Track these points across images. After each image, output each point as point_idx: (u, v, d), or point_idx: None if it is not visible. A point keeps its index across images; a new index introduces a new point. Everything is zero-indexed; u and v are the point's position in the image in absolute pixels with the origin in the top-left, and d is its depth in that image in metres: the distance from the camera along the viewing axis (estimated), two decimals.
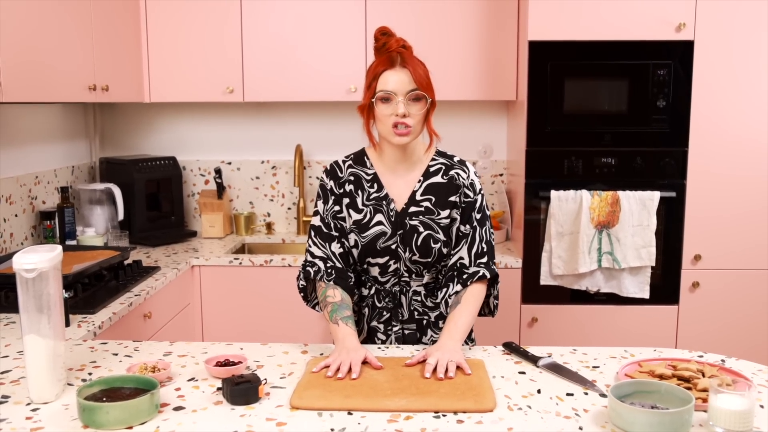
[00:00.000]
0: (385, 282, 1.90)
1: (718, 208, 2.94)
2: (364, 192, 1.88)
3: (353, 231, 1.87)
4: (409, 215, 1.86)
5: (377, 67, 1.79)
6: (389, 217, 1.85)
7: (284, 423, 1.35)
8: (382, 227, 1.85)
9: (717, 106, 2.88)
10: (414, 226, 1.85)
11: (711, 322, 2.99)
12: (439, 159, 1.92)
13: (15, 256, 1.41)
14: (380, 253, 1.85)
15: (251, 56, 3.21)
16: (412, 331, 1.90)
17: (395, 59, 1.78)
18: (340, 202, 1.89)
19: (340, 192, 1.90)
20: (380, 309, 1.91)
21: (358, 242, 1.86)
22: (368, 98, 1.80)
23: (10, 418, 1.37)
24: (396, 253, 1.85)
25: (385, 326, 1.91)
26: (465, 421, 1.36)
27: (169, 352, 1.74)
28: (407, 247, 1.84)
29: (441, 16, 3.14)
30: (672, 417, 1.27)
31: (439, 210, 1.86)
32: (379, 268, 1.88)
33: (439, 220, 1.86)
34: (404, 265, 1.87)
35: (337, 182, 1.90)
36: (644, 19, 2.83)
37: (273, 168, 3.62)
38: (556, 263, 2.93)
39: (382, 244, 1.85)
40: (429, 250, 1.84)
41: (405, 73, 1.77)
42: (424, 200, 1.87)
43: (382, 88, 1.77)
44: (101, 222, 3.21)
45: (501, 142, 3.55)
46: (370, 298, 1.92)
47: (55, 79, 2.47)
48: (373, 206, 1.87)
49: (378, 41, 1.83)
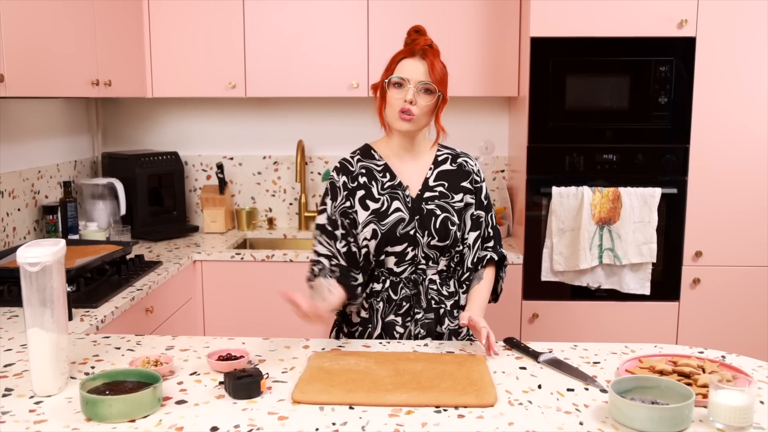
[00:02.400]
0: (400, 272, 1.90)
1: (719, 205, 2.94)
2: (377, 182, 1.91)
3: (372, 221, 1.87)
4: (425, 200, 1.90)
5: (398, 55, 1.87)
6: (406, 203, 1.89)
7: (286, 417, 1.36)
8: (400, 213, 1.88)
9: (718, 102, 2.88)
10: (431, 210, 1.89)
11: (711, 319, 3.00)
12: (445, 150, 1.99)
13: (19, 250, 1.42)
14: (399, 240, 1.87)
15: (253, 52, 3.21)
16: (431, 320, 1.91)
17: (417, 51, 1.84)
18: (353, 197, 1.90)
19: (354, 186, 1.91)
20: (397, 301, 1.90)
21: (377, 231, 1.86)
22: (383, 79, 1.86)
23: (13, 410, 1.38)
24: (414, 239, 1.87)
25: (404, 318, 1.90)
26: (466, 415, 1.37)
27: (171, 346, 1.75)
28: (425, 231, 1.87)
29: (443, 12, 3.14)
30: (672, 412, 1.27)
31: (453, 194, 1.92)
32: (396, 258, 1.89)
33: (453, 203, 1.91)
34: (422, 251, 1.89)
35: (349, 176, 1.92)
36: (646, 16, 2.83)
37: (275, 163, 3.62)
38: (557, 259, 2.93)
39: (402, 230, 1.87)
40: (447, 233, 1.88)
41: (422, 64, 1.82)
42: (438, 185, 1.92)
43: (397, 74, 1.83)
44: (103, 217, 3.22)
45: (502, 138, 3.55)
46: (385, 292, 1.91)
47: (57, 73, 2.48)
48: (389, 194, 1.90)
49: (409, 36, 1.89)
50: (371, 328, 1.92)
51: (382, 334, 1.91)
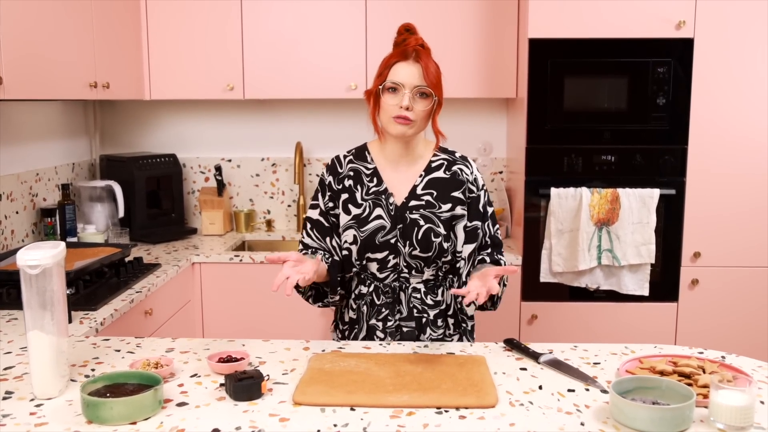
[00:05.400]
0: (383, 278, 1.89)
1: (717, 206, 2.95)
2: (363, 186, 1.89)
3: (352, 226, 1.86)
4: (410, 209, 1.86)
5: (391, 58, 1.81)
6: (389, 211, 1.86)
7: (287, 419, 1.35)
8: (381, 221, 1.85)
9: (716, 103, 2.89)
10: (414, 220, 1.85)
11: (710, 319, 3.00)
12: (441, 155, 1.93)
13: (19, 253, 1.41)
14: (379, 248, 1.85)
15: (252, 53, 3.21)
16: (411, 328, 1.89)
17: (410, 54, 1.80)
18: (337, 199, 1.90)
19: (339, 188, 1.90)
20: (379, 306, 1.90)
21: (357, 237, 1.85)
22: (376, 85, 1.82)
23: (14, 413, 1.38)
24: (395, 248, 1.85)
25: (384, 324, 1.90)
26: (467, 416, 1.37)
27: (171, 349, 1.75)
28: (407, 241, 1.84)
29: (441, 13, 3.15)
30: (673, 413, 1.27)
31: (441, 204, 1.86)
32: (377, 264, 1.88)
33: (440, 213, 1.86)
34: (404, 260, 1.86)
35: (336, 178, 1.91)
36: (644, 17, 2.84)
37: (273, 165, 3.62)
38: (555, 260, 2.93)
39: (381, 238, 1.85)
40: (430, 244, 1.84)
41: (417, 68, 1.78)
42: (425, 194, 1.87)
43: (391, 79, 1.79)
44: (102, 219, 3.21)
45: (501, 140, 3.55)
46: (369, 296, 1.91)
47: (55, 76, 2.47)
48: (372, 200, 1.87)
49: (399, 35, 1.86)
50: (357, 330, 1.93)
51: (366, 337, 1.92)
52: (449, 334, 1.93)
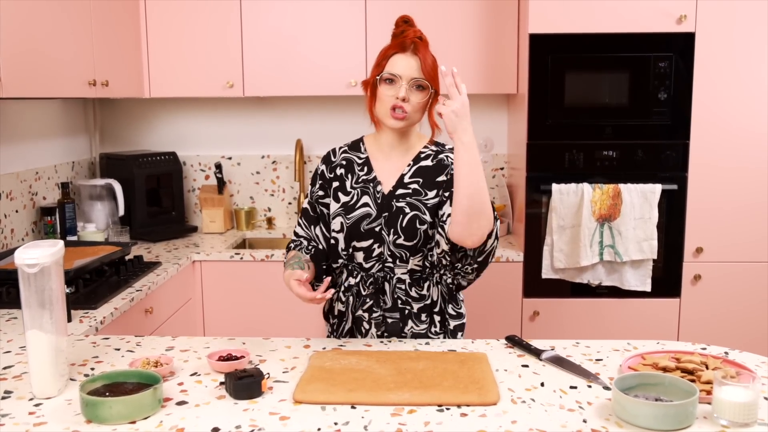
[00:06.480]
0: (369, 268, 1.90)
1: (719, 201, 2.93)
2: (354, 175, 1.91)
3: (340, 214, 1.88)
4: (396, 197, 1.86)
5: (389, 50, 1.83)
6: (375, 199, 1.87)
7: (287, 417, 1.35)
8: (367, 209, 1.87)
9: (718, 98, 2.88)
10: (400, 208, 1.85)
11: (713, 315, 2.99)
12: (431, 147, 1.93)
13: (17, 252, 1.41)
14: (364, 236, 1.86)
15: (251, 51, 3.20)
16: (395, 320, 1.88)
17: (408, 46, 1.81)
18: (328, 188, 1.93)
19: (331, 177, 1.93)
20: (364, 297, 1.90)
21: (343, 225, 1.87)
22: (374, 76, 1.83)
23: (13, 413, 1.37)
24: (380, 236, 1.86)
25: (369, 315, 1.90)
26: (468, 414, 1.36)
27: (171, 347, 1.74)
28: (392, 229, 1.85)
29: (441, 9, 3.13)
30: (676, 409, 1.26)
31: (427, 191, 1.86)
32: (363, 253, 1.88)
33: (426, 200, 1.86)
34: (388, 249, 1.86)
35: (329, 167, 1.95)
36: (645, 12, 2.82)
37: (273, 163, 3.61)
38: (557, 257, 2.92)
39: (366, 225, 1.86)
40: (415, 232, 1.84)
41: (414, 60, 1.80)
42: (412, 182, 1.88)
43: (388, 70, 1.80)
44: (102, 218, 3.21)
45: (502, 136, 3.54)
46: (356, 287, 1.92)
47: (55, 74, 2.47)
48: (361, 188, 1.89)
49: (398, 27, 1.87)
50: (345, 322, 1.94)
51: (353, 328, 1.93)
52: (435, 332, 1.91)
